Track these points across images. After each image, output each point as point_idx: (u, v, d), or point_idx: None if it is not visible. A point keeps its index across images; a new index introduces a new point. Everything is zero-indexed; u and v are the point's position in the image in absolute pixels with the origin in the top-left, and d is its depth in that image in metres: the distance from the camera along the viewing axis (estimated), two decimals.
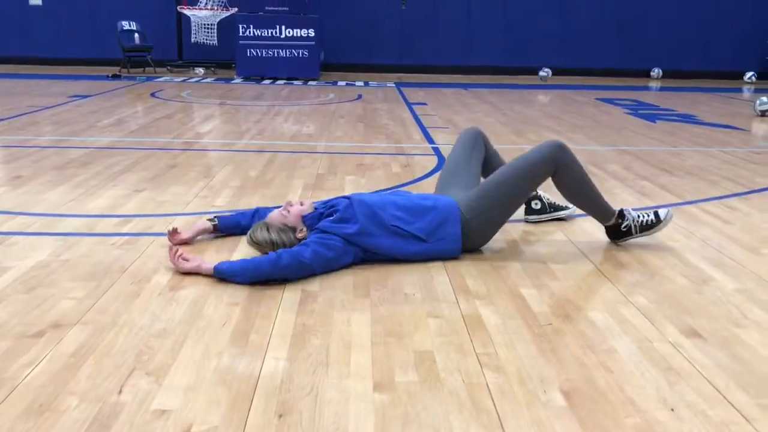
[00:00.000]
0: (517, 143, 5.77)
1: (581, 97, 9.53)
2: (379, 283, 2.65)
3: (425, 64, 12.92)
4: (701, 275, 2.83)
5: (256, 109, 7.67)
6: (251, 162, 4.79)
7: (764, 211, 3.82)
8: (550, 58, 12.93)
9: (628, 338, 2.25)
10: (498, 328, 2.30)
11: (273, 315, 2.34)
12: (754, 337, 2.27)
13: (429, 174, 4.59)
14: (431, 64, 12.91)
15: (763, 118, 7.64)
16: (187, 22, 11.97)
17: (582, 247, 3.14)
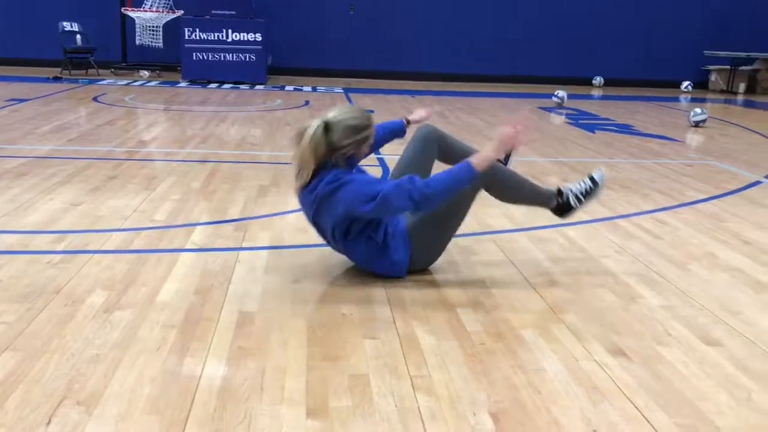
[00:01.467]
0: None
1: (526, 106, 9.71)
2: (318, 302, 2.68)
3: (374, 69, 12.98)
4: (630, 292, 2.94)
5: (201, 115, 7.59)
6: (193, 173, 4.75)
7: (692, 225, 3.97)
8: (495, 65, 13.15)
9: (557, 357, 2.33)
10: (433, 349, 2.35)
11: (209, 338, 2.34)
12: (675, 355, 2.37)
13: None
14: (379, 70, 12.97)
15: (696, 129, 7.92)
16: (131, 23, 11.77)
17: (519, 265, 3.22)
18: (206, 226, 3.59)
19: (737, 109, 10.85)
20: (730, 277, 3.15)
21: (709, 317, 2.70)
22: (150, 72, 11.73)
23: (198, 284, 2.81)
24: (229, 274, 2.94)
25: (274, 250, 3.26)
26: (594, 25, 13.21)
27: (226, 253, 3.20)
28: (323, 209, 2.79)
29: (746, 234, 3.82)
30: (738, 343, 2.48)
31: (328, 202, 2.75)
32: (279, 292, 2.76)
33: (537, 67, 13.24)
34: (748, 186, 5.04)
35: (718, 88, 13.40)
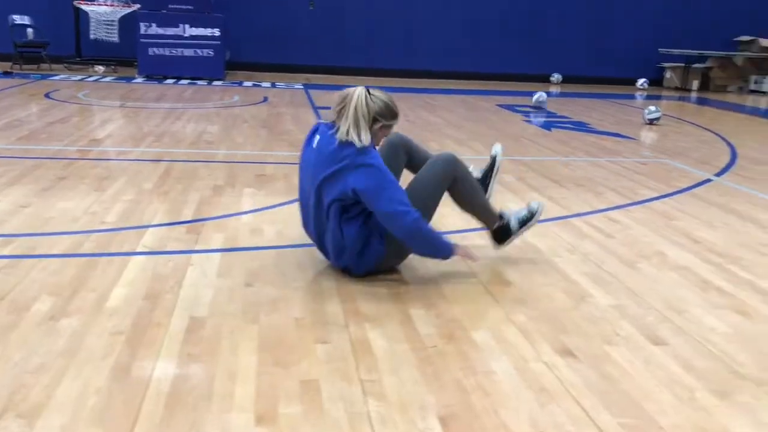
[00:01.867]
0: None
1: (484, 103, 9.78)
2: (270, 306, 2.66)
3: (334, 65, 12.93)
4: (580, 291, 2.98)
5: (156, 112, 7.48)
6: (147, 172, 4.68)
7: (643, 223, 4.05)
8: (455, 62, 13.21)
9: (507, 358, 2.36)
10: (385, 352, 2.35)
11: (158, 345, 2.31)
12: (623, 355, 2.42)
13: None
14: (340, 66, 12.92)
15: (651, 127, 8.06)
16: (85, 17, 11.51)
17: (473, 265, 3.24)
18: (158, 228, 3.54)
19: (691, 106, 11.09)
20: (678, 275, 3.22)
21: (657, 316, 2.75)
22: (105, 67, 11.50)
23: (148, 289, 2.76)
24: (180, 277, 2.90)
25: (227, 253, 3.23)
26: (552, 22, 13.35)
27: (178, 255, 3.16)
28: (346, 173, 2.79)
29: (695, 232, 3.90)
30: (683, 341, 2.54)
31: (357, 171, 2.78)
32: (231, 296, 2.73)
33: (496, 63, 13.33)
34: (699, 184, 5.15)
35: (672, 86, 13.67)
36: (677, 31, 13.62)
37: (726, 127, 8.48)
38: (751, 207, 4.52)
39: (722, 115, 9.93)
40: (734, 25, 13.76)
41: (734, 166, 5.93)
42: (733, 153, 6.57)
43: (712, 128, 8.22)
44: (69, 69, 11.46)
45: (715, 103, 11.43)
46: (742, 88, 13.76)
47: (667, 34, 13.60)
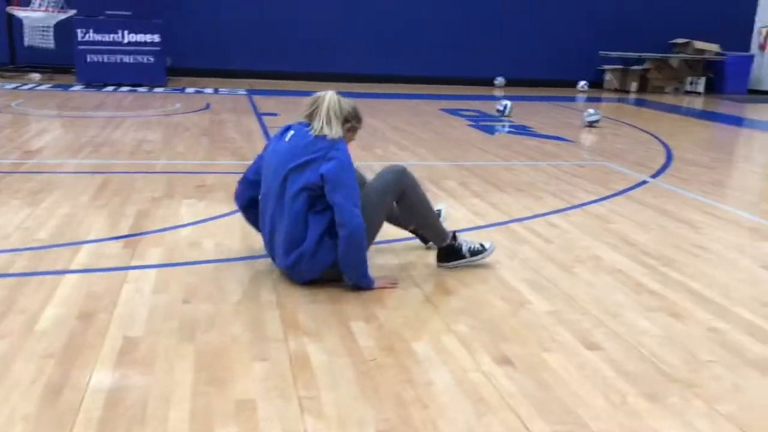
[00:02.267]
0: (363, 158, 5.88)
1: (428, 108, 9.85)
2: (207, 324, 2.62)
3: (278, 70, 12.84)
4: (519, 298, 3.02)
5: (95, 121, 7.31)
6: (83, 185, 4.56)
7: (581, 227, 4.13)
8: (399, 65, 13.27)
9: (446, 369, 2.37)
10: (324, 367, 2.34)
11: (90, 367, 2.25)
12: (558, 361, 2.46)
13: None
14: (285, 71, 12.85)
15: (590, 129, 8.24)
16: (19, 23, 11.17)
17: (415, 275, 3.26)
18: (94, 244, 3.45)
19: (629, 108, 11.37)
20: (613, 279, 3.30)
21: (592, 321, 2.81)
22: (41, 75, 11.18)
23: (81, 308, 2.70)
24: (115, 295, 2.83)
25: (164, 268, 3.17)
26: (495, 25, 13.53)
27: (114, 272, 3.09)
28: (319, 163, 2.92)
29: (630, 235, 4.00)
30: (616, 346, 2.60)
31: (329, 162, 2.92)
32: (167, 314, 2.68)
33: (440, 67, 13.44)
34: (635, 186, 5.29)
35: (612, 87, 14.00)
36: (616, 34, 13.95)
37: (662, 128, 8.73)
38: (685, 208, 4.66)
39: (659, 116, 10.22)
40: (670, 28, 14.17)
41: (669, 167, 6.11)
42: (668, 154, 6.77)
43: (649, 129, 8.45)
44: (2, 77, 11.10)
45: (652, 105, 11.75)
46: (678, 89, 14.18)
47: (607, 37, 13.91)
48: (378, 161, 5.79)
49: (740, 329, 2.79)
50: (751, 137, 8.80)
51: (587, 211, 4.50)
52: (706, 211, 4.62)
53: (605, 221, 4.27)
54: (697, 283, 3.29)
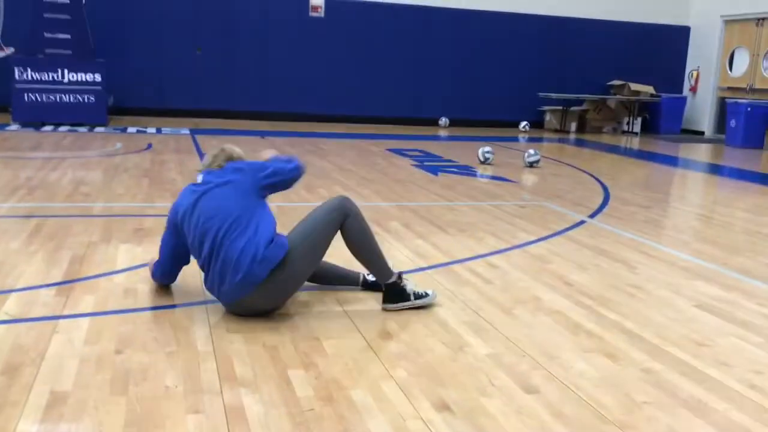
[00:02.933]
0: (307, 200, 5.87)
1: (374, 147, 9.93)
2: (140, 375, 2.55)
3: (222, 109, 12.79)
4: (458, 341, 3.03)
5: (31, 162, 7.12)
6: (14, 231, 4.42)
7: (520, 268, 4.19)
8: (345, 105, 13.39)
9: (384, 417, 2.35)
10: (259, 419, 2.29)
11: (12, 426, 2.15)
12: (496, 406, 2.46)
13: None
14: (228, 110, 12.81)
15: (531, 170, 8.42)
16: None
17: (355, 318, 3.24)
18: (23, 293, 3.33)
19: (569, 148, 11.67)
20: (552, 320, 3.34)
21: (530, 363, 2.83)
22: None
23: (6, 362, 2.59)
24: (43, 347, 2.73)
25: (97, 317, 3.08)
26: (439, 67, 13.80)
27: (43, 322, 2.99)
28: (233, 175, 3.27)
29: (568, 275, 4.07)
30: (554, 388, 2.62)
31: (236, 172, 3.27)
32: (98, 366, 2.60)
33: (386, 107, 13.60)
34: (573, 226, 5.40)
35: (552, 128, 14.37)
36: (556, 76, 14.39)
37: (601, 167, 8.98)
38: (620, 247, 4.78)
39: (598, 156, 10.52)
40: (607, 70, 14.70)
41: (606, 207, 6.27)
42: (606, 194, 6.95)
43: (588, 169, 8.68)
44: None
45: (591, 144, 12.10)
46: (616, 129, 14.65)
47: (547, 79, 14.33)
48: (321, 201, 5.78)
49: (673, 369, 2.85)
50: (685, 176, 9.12)
51: (527, 252, 4.57)
52: (641, 250, 4.74)
53: (544, 261, 4.34)
54: (631, 322, 3.36)
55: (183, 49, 12.58)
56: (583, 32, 14.49)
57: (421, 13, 13.58)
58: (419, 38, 13.67)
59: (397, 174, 7.60)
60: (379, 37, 13.48)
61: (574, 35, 14.45)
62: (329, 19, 13.24)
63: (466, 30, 13.90)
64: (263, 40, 12.95)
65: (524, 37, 14.19)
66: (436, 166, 8.32)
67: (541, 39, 14.29)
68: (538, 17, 14.16)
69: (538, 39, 14.28)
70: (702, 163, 10.37)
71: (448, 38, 13.81)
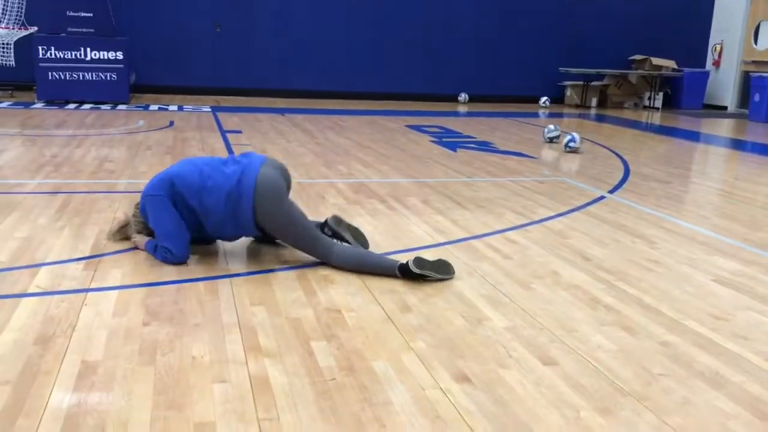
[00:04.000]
0: (327, 176, 5.92)
1: (393, 124, 9.93)
2: (167, 346, 2.62)
3: (242, 87, 12.84)
4: (477, 314, 3.08)
5: (56, 140, 7.23)
6: (42, 207, 4.52)
7: (539, 243, 4.21)
8: (364, 81, 13.37)
9: (404, 387, 2.41)
10: (284, 388, 2.36)
11: (46, 394, 2.24)
12: (514, 377, 2.51)
13: None
14: (248, 88, 12.85)
15: (550, 145, 8.39)
16: None
17: (375, 291, 3.29)
18: (52, 266, 3.43)
19: (590, 123, 11.58)
20: (570, 294, 3.37)
21: (548, 336, 2.87)
22: (1, 92, 11.03)
23: (38, 333, 2.68)
24: (74, 319, 2.82)
25: (124, 290, 3.16)
26: (459, 42, 13.72)
27: (73, 295, 3.08)
28: None
29: (587, 250, 4.09)
30: (572, 360, 2.66)
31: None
32: (126, 337, 2.68)
33: (405, 83, 13.57)
34: (593, 201, 5.40)
35: (573, 103, 14.25)
36: (576, 50, 14.25)
37: (621, 143, 8.92)
38: (640, 223, 4.78)
39: (618, 131, 10.44)
40: (628, 44, 14.52)
41: (626, 182, 6.25)
42: (626, 169, 6.92)
43: (609, 145, 8.63)
44: None
45: (612, 120, 12.00)
46: (637, 104, 14.50)
47: (567, 53, 14.20)
48: (341, 179, 5.84)
49: (690, 342, 2.88)
50: (706, 152, 9.04)
51: (546, 227, 4.59)
52: (661, 225, 4.74)
53: (563, 236, 4.36)
54: (650, 297, 3.38)
55: (203, 26, 12.61)
56: (605, 6, 14.31)
57: None
58: (439, 13, 13.58)
59: (416, 150, 7.62)
60: (399, 13, 13.40)
61: (595, 9, 14.28)
62: None
63: (486, 4, 13.77)
64: (282, 17, 12.93)
65: (545, 11, 14.05)
66: (454, 142, 8.32)
67: (561, 13, 14.14)
68: None
69: (559, 13, 14.13)
70: (724, 138, 10.26)
71: (468, 13, 13.71)
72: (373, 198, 5.18)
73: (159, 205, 3.50)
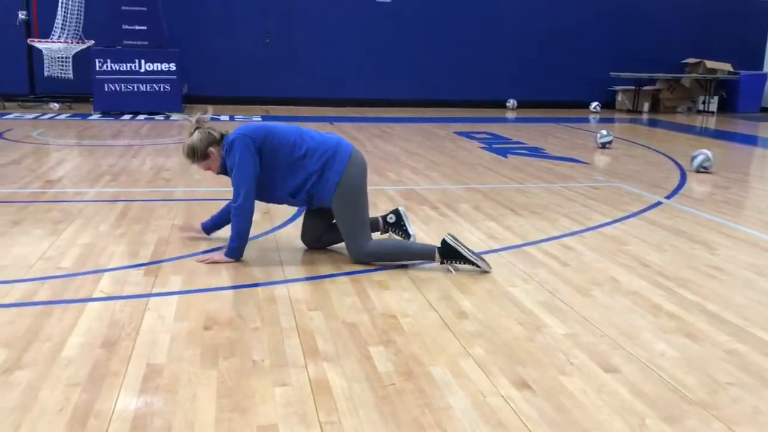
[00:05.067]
0: (377, 183, 5.93)
1: (441, 131, 9.91)
2: (228, 350, 2.66)
3: (291, 96, 12.99)
4: (535, 321, 3.04)
5: (113, 150, 7.43)
6: (103, 214, 4.65)
7: (596, 249, 4.15)
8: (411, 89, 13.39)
9: (464, 393, 2.39)
10: (344, 392, 2.37)
11: (115, 395, 2.29)
12: (575, 384, 2.48)
13: (290, 220, 4.64)
14: (297, 97, 13.00)
15: (603, 151, 8.26)
16: (39, 54, 11.40)
17: (429, 297, 3.29)
18: (115, 272, 3.51)
19: (642, 128, 11.38)
20: (630, 301, 3.31)
21: (609, 344, 2.82)
22: (60, 104, 11.38)
23: (105, 336, 2.75)
24: (137, 323, 2.89)
25: (184, 295, 3.22)
26: (506, 47, 13.63)
27: (135, 300, 3.15)
28: None
29: (646, 257, 4.01)
30: (634, 368, 2.61)
31: None
32: (189, 341, 2.73)
33: (452, 90, 13.54)
34: (650, 207, 5.30)
35: (624, 108, 14.02)
36: (627, 55, 14.02)
37: (676, 148, 8.73)
38: (699, 229, 4.67)
39: (672, 136, 10.23)
40: (681, 48, 14.22)
41: (683, 187, 6.12)
42: (682, 174, 6.77)
43: (663, 150, 8.46)
44: (22, 107, 11.32)
45: (665, 125, 11.76)
46: (691, 108, 14.18)
47: (618, 58, 13.98)
48: (392, 186, 5.85)
49: (758, 351, 2.79)
50: (765, 156, 8.78)
51: (602, 233, 4.52)
52: (721, 231, 4.62)
53: (620, 243, 4.29)
54: (713, 304, 3.30)
55: (252, 37, 12.81)
56: (656, 8, 14.06)
57: None
58: (485, 19, 13.52)
59: (466, 157, 7.59)
60: (445, 20, 13.40)
61: (646, 12, 14.03)
62: (395, 4, 13.24)
63: (534, 9, 13.67)
64: (330, 26, 13.06)
65: (594, 15, 13.87)
66: (505, 149, 8.26)
67: (611, 16, 13.94)
68: None
69: (609, 17, 13.93)
70: None
71: (515, 18, 13.62)
72: (425, 204, 5.18)
73: (249, 147, 3.65)
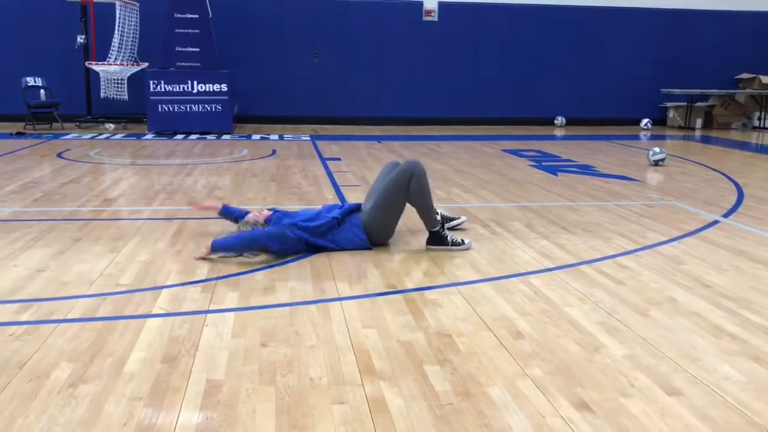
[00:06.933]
0: None
1: (489, 149, 9.88)
2: (286, 367, 2.68)
3: (339, 115, 13.13)
4: (593, 342, 2.99)
5: (167, 169, 7.60)
6: (160, 232, 4.75)
7: (652, 268, 4.06)
8: (459, 108, 13.41)
9: (523, 414, 2.36)
10: (401, 411, 2.36)
11: (176, 410, 2.33)
12: (638, 407, 2.42)
13: None
14: (345, 116, 13.13)
15: (656, 168, 8.12)
16: (96, 76, 11.79)
17: (485, 317, 3.26)
18: (173, 289, 3.58)
19: (695, 145, 11.16)
20: (690, 322, 3.23)
21: (671, 365, 2.76)
22: (115, 124, 11.72)
23: (165, 352, 2.80)
24: (196, 339, 2.93)
25: (241, 312, 3.27)
26: (555, 65, 13.56)
27: (194, 316, 3.20)
28: None
29: (705, 277, 3.91)
30: (698, 391, 2.54)
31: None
32: (247, 357, 2.76)
33: (499, 108, 13.51)
34: (707, 226, 5.18)
35: (676, 125, 13.78)
36: (678, 71, 13.81)
37: (731, 165, 8.53)
38: (760, 248, 4.54)
39: (727, 153, 10.00)
40: (734, 63, 13.94)
41: (741, 205, 5.96)
42: (739, 192, 6.61)
43: (717, 167, 8.27)
44: (80, 127, 11.69)
45: (719, 141, 11.51)
46: (746, 125, 13.86)
47: (669, 74, 13.77)
48: (441, 203, 5.84)
49: None
50: None
51: (658, 252, 4.43)
52: None
53: (678, 262, 4.20)
54: None
55: (301, 57, 13.01)
56: (707, 24, 13.82)
57: (534, 11, 13.40)
58: (533, 37, 13.49)
59: (515, 175, 7.54)
60: (493, 38, 13.41)
61: (697, 28, 13.82)
62: (442, 23, 13.31)
63: (582, 26, 13.58)
64: (378, 46, 13.19)
65: (644, 31, 13.71)
66: (555, 166, 8.19)
67: (661, 33, 13.76)
68: (658, 10, 13.64)
69: (659, 33, 13.76)
70: None
71: (563, 35, 13.55)
72: (476, 223, 5.16)
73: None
